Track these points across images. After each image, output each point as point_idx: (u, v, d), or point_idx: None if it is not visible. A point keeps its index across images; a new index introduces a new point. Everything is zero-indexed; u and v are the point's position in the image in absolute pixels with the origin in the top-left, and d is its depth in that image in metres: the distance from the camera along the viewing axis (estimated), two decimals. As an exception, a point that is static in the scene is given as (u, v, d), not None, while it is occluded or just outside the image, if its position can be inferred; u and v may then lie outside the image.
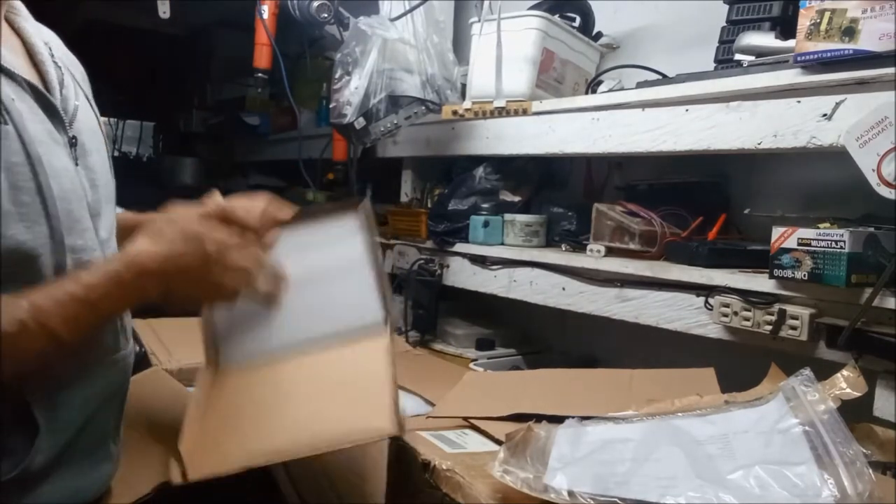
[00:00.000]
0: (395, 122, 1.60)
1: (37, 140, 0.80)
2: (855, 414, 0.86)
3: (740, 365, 1.10)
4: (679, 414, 0.88)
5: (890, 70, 0.98)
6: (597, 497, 0.66)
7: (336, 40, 1.72)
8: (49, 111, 0.83)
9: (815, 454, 0.74)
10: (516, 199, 1.70)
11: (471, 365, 1.57)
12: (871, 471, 0.71)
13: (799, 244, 1.03)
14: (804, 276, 1.03)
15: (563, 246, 1.55)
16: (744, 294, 1.13)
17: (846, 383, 0.85)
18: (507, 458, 0.70)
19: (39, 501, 0.81)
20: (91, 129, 0.92)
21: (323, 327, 1.02)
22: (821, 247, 1.01)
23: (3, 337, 0.72)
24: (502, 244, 1.62)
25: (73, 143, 0.86)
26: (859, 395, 0.85)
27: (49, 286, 0.78)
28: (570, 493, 0.67)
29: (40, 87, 0.83)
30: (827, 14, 1.04)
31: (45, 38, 0.90)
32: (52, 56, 0.89)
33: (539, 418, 0.82)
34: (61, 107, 0.85)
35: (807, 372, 0.87)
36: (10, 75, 0.79)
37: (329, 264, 1.08)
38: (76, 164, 0.86)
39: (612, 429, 0.83)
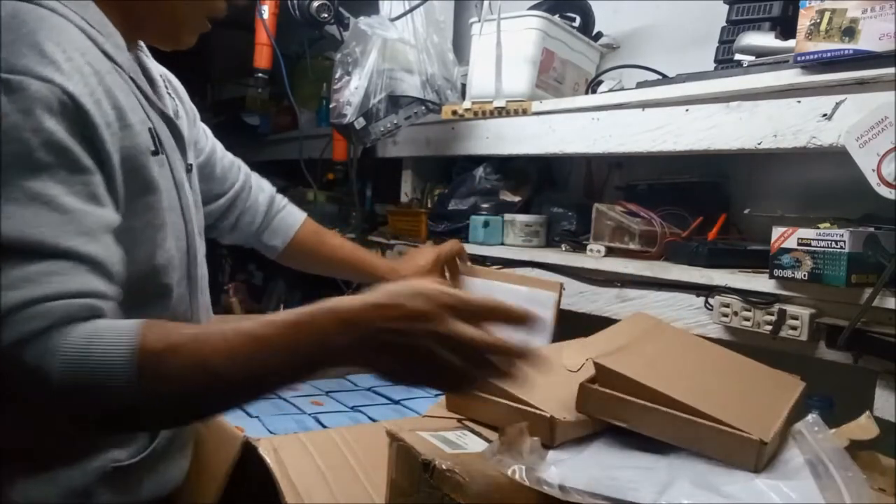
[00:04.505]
0: (395, 122, 1.60)
1: (176, 167, 0.91)
2: (855, 415, 0.86)
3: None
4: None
5: (890, 70, 0.98)
6: (589, 493, 0.66)
7: (336, 40, 1.72)
8: (176, 138, 0.94)
9: (815, 472, 0.74)
10: (516, 199, 1.70)
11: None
12: (869, 489, 0.70)
13: (799, 244, 1.03)
14: (804, 276, 1.03)
15: (563, 246, 1.55)
16: (744, 294, 1.13)
17: (858, 429, 0.83)
18: (503, 450, 0.70)
19: (147, 487, 0.91)
20: (195, 154, 1.05)
21: None
22: (821, 247, 1.01)
23: (140, 353, 0.66)
24: (502, 244, 1.62)
25: (189, 168, 0.98)
26: (869, 438, 0.83)
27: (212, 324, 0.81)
28: (563, 488, 0.67)
29: (173, 118, 0.94)
30: (827, 14, 1.04)
31: (161, 72, 1.00)
32: (167, 88, 0.99)
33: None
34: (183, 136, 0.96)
35: (814, 416, 0.85)
36: (156, 108, 0.89)
37: None
38: (191, 187, 0.98)
39: (612, 436, 0.83)
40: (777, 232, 1.06)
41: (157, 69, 0.99)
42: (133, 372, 0.66)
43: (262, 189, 1.36)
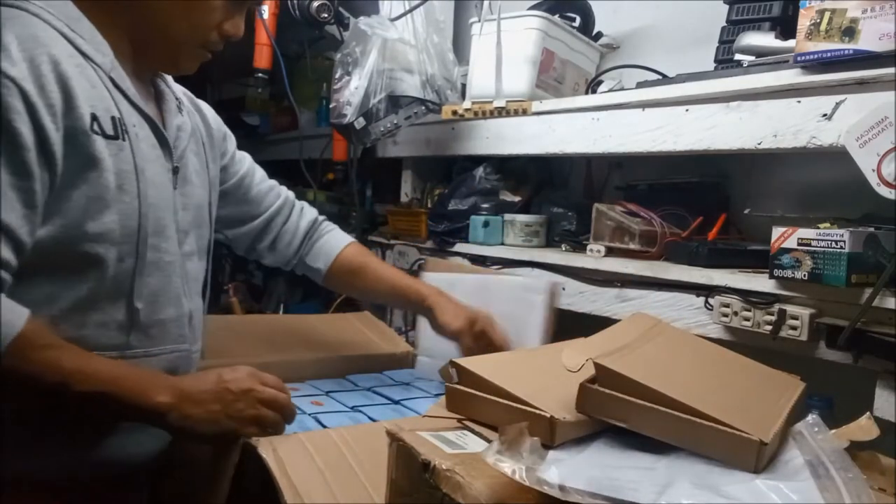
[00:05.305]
0: (395, 122, 1.60)
1: (145, 158, 1.01)
2: (855, 415, 0.85)
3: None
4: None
5: (890, 70, 0.98)
6: (589, 493, 0.66)
7: (336, 40, 1.72)
8: (160, 140, 1.05)
9: (815, 473, 0.73)
10: (516, 199, 1.70)
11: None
12: (869, 490, 0.70)
13: (799, 244, 1.03)
14: (804, 276, 1.03)
15: (563, 246, 1.55)
16: (744, 294, 1.13)
17: (858, 430, 0.83)
18: (503, 450, 0.70)
19: (116, 448, 1.01)
20: (196, 170, 1.14)
21: None
22: (821, 247, 1.01)
23: (18, 335, 0.85)
24: (502, 244, 1.62)
25: (175, 171, 1.07)
26: (869, 439, 0.83)
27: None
28: (563, 488, 0.67)
29: (158, 123, 1.05)
30: (827, 14, 1.04)
31: (178, 96, 1.15)
32: (180, 108, 1.13)
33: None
34: (172, 144, 1.07)
35: (814, 416, 0.85)
36: (136, 107, 1.02)
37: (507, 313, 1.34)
38: (174, 188, 1.07)
39: (612, 436, 0.83)
40: (777, 232, 1.06)
41: (178, 93, 1.15)
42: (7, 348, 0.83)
43: (304, 215, 1.41)
